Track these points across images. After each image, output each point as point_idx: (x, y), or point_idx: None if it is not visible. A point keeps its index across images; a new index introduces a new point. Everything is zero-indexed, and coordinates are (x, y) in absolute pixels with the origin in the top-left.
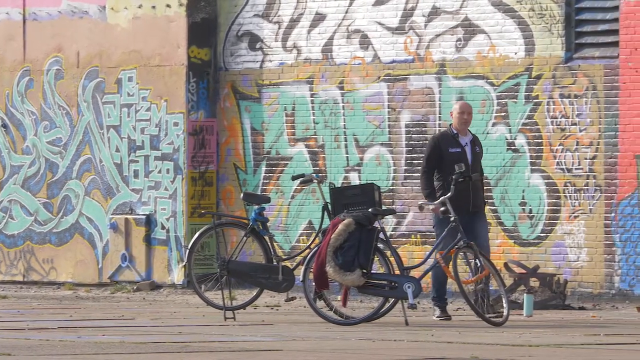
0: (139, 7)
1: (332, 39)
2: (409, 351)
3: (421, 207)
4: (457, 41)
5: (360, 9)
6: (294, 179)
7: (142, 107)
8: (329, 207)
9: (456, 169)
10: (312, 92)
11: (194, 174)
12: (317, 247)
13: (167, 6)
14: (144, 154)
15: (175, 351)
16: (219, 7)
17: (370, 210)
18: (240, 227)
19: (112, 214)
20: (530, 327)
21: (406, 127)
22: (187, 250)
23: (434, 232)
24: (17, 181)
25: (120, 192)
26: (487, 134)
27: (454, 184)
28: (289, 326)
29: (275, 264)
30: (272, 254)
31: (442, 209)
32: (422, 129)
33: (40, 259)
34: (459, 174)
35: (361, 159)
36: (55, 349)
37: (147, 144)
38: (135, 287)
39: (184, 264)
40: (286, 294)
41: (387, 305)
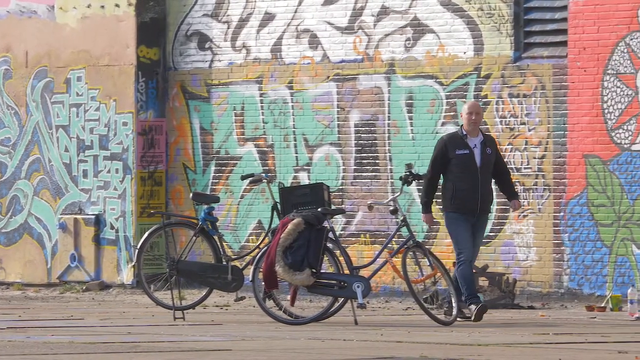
0: (88, 6)
1: (281, 38)
2: (359, 351)
3: (370, 207)
4: (406, 41)
5: (309, 9)
6: (243, 178)
7: (91, 106)
8: (278, 206)
9: (405, 168)
10: (262, 92)
11: (143, 174)
12: (266, 247)
13: (116, 6)
14: (93, 153)
15: (124, 351)
16: (168, 7)
17: (319, 209)
18: (189, 226)
19: (61, 214)
20: (479, 326)
21: (355, 127)
22: (137, 250)
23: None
24: None
25: (69, 192)
26: (437, 133)
27: (403, 184)
28: (238, 326)
29: (224, 263)
30: (222, 253)
31: (392, 208)
32: (371, 129)
33: None
34: (408, 173)
35: (310, 159)
36: (4, 349)
37: (96, 144)
38: (84, 287)
39: (133, 263)
40: (235, 294)
41: (337, 304)
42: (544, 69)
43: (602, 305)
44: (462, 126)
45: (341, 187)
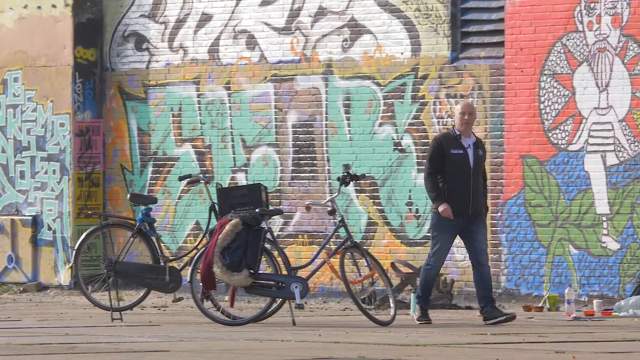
0: (25, 7)
1: (218, 39)
2: (297, 351)
3: (308, 208)
4: (343, 41)
5: (246, 9)
6: (180, 179)
7: (28, 107)
8: (216, 207)
9: (343, 169)
10: (199, 93)
11: (80, 175)
12: (204, 248)
13: (53, 6)
14: (30, 154)
15: (62, 352)
16: (105, 8)
17: (257, 210)
18: (127, 227)
19: None
20: (417, 326)
21: (293, 128)
22: (74, 251)
23: (431, 235)
24: None
25: (6, 193)
26: (374, 134)
27: (341, 184)
28: (176, 327)
29: (162, 264)
30: (159, 254)
31: (330, 209)
32: (309, 129)
33: None
34: (346, 173)
35: (248, 160)
36: None
37: (33, 145)
38: (21, 289)
39: (71, 265)
40: (173, 295)
41: (275, 305)
42: (481, 70)
43: (540, 305)
44: (453, 126)
45: (279, 188)
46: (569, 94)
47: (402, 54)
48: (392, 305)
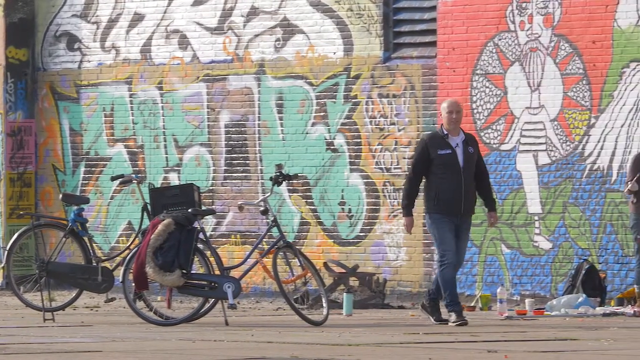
0: None
1: (150, 39)
2: (229, 351)
3: (241, 207)
4: (276, 41)
5: (178, 9)
6: (113, 179)
7: None
8: (149, 207)
9: (275, 169)
10: (131, 93)
11: (12, 175)
12: (136, 248)
13: None
14: None
15: None
16: (37, 7)
17: (189, 210)
18: (59, 228)
19: None
20: (350, 326)
21: (225, 127)
22: (6, 251)
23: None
24: None
25: None
26: (307, 134)
27: (274, 184)
28: (108, 327)
29: (94, 264)
30: (92, 254)
31: (262, 209)
32: (242, 129)
33: None
34: (278, 173)
35: (180, 160)
36: None
37: None
38: None
39: (3, 265)
40: (106, 295)
41: (207, 305)
42: (413, 69)
43: (472, 304)
44: (441, 125)
45: (211, 188)
46: (501, 94)
47: (334, 53)
48: (324, 305)
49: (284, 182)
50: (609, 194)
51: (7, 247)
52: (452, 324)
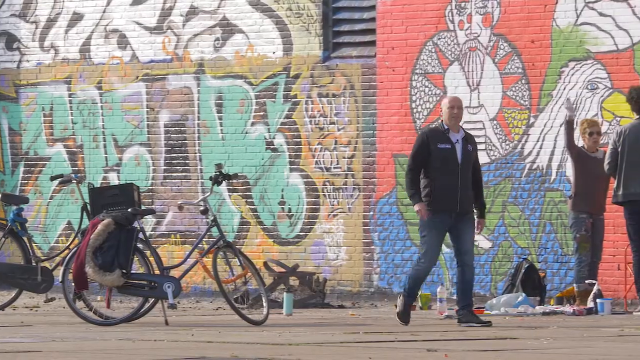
0: None
1: (90, 38)
2: (170, 351)
3: (180, 207)
4: (215, 41)
5: (117, 9)
6: (52, 179)
7: None
8: (88, 207)
9: (215, 168)
10: (70, 92)
11: None
12: (76, 248)
13: None
14: None
15: None
16: None
17: (129, 210)
18: None
19: None
20: (290, 325)
21: (165, 127)
22: None
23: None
24: None
25: None
26: (246, 133)
27: (213, 184)
28: (48, 327)
29: (34, 264)
30: (31, 254)
31: (202, 208)
32: (181, 129)
33: None
34: (218, 173)
35: (120, 159)
36: None
37: None
38: None
39: None
40: (45, 295)
41: (147, 305)
42: (352, 69)
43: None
44: (442, 121)
45: (151, 188)
46: (440, 93)
47: (274, 53)
48: (265, 304)
49: (224, 182)
50: (548, 193)
51: None
52: (395, 309)
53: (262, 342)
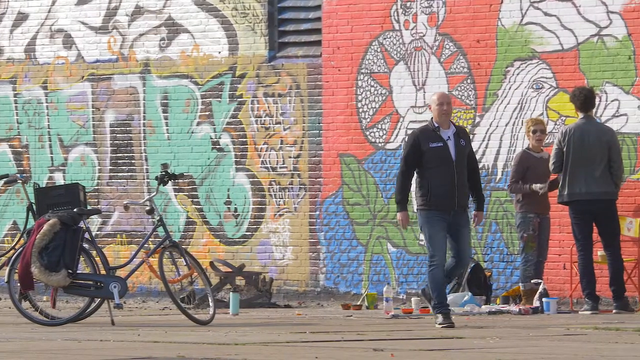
0: None
1: (35, 38)
2: (116, 351)
3: (126, 207)
4: (160, 40)
5: (63, 9)
6: None
7: None
8: (34, 207)
9: (161, 168)
10: (16, 92)
11: None
12: (22, 248)
13: None
14: None
15: None
16: None
17: (75, 210)
18: None
19: None
20: (236, 325)
21: (111, 127)
22: None
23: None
24: None
25: None
26: (192, 133)
27: (159, 184)
28: None
29: None
30: None
31: (148, 208)
32: (127, 129)
33: None
34: (164, 173)
35: (66, 159)
36: None
37: None
38: None
39: None
40: None
41: (93, 305)
42: (298, 69)
43: (358, 303)
44: (432, 118)
45: (97, 187)
46: (386, 93)
47: (219, 53)
48: (211, 304)
49: (170, 182)
50: (494, 192)
51: None
52: (439, 326)
53: (208, 342)
